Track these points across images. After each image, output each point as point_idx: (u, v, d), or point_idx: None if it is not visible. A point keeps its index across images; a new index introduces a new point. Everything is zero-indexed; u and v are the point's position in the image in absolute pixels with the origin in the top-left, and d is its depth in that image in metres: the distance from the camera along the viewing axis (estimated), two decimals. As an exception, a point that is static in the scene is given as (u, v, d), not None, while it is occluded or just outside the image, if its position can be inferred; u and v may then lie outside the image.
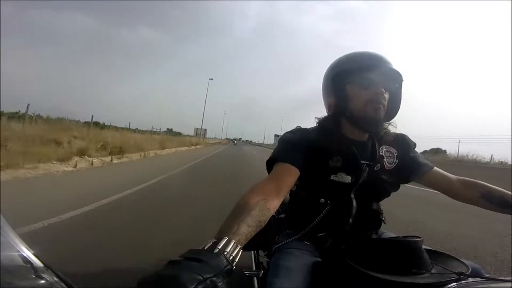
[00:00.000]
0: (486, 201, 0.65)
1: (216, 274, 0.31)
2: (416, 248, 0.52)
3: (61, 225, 2.05)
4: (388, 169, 0.71)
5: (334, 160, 0.66)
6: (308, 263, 0.61)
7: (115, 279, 1.37)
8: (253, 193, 0.52)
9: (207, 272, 0.30)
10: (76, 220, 2.21)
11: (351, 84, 0.66)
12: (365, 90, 0.65)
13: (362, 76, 0.65)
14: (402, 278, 0.46)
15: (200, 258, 0.32)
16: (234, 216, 0.45)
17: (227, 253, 0.36)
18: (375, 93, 0.64)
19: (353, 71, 0.66)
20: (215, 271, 0.31)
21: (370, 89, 0.64)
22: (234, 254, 0.37)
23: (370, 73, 0.64)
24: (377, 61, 0.65)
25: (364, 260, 0.51)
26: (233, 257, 0.36)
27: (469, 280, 0.46)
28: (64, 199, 2.78)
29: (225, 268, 0.33)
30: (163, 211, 2.80)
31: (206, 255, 0.34)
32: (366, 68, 0.64)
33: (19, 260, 0.36)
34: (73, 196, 2.97)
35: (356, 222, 0.68)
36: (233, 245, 0.38)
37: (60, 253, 1.48)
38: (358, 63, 0.66)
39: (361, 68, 0.65)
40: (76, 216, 2.28)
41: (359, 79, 0.65)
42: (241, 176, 5.98)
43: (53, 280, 0.36)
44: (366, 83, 0.64)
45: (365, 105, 0.64)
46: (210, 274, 0.30)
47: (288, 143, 0.68)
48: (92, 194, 3.00)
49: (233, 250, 0.37)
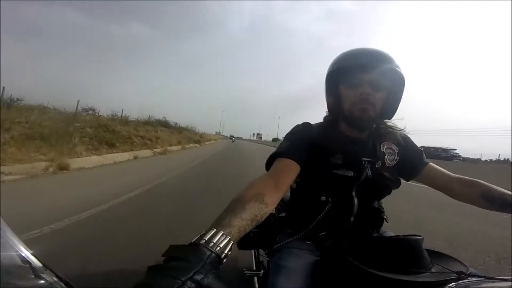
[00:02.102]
0: (486, 200, 0.64)
1: (197, 270, 0.30)
2: (417, 246, 0.52)
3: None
4: (389, 166, 0.71)
5: (335, 157, 0.66)
6: (309, 263, 0.61)
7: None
8: (249, 188, 0.51)
9: (187, 271, 0.29)
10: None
11: (342, 84, 0.67)
12: (353, 91, 0.64)
13: (350, 76, 0.64)
14: (402, 277, 0.46)
15: (179, 256, 0.32)
16: (227, 210, 0.44)
17: (213, 244, 0.35)
18: (360, 93, 0.63)
19: (343, 71, 0.65)
20: (196, 267, 0.30)
21: (357, 89, 0.63)
22: (222, 245, 0.35)
23: (359, 73, 0.63)
24: (368, 60, 0.63)
25: (364, 258, 0.50)
26: (221, 248, 0.35)
27: (469, 280, 0.46)
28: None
29: (207, 259, 0.32)
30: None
31: (186, 251, 0.33)
32: (356, 68, 0.63)
33: (18, 260, 0.36)
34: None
35: (358, 221, 0.67)
36: (221, 236, 0.36)
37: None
38: (349, 62, 0.65)
39: (351, 68, 0.64)
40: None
41: (348, 79, 0.65)
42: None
43: (52, 280, 0.36)
44: (354, 83, 0.64)
45: (352, 106, 0.64)
46: (189, 274, 0.29)
47: (290, 139, 0.69)
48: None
49: (222, 241, 0.36)
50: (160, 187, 3.76)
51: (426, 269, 0.50)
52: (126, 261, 1.55)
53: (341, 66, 0.66)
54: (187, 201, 3.15)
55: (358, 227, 0.68)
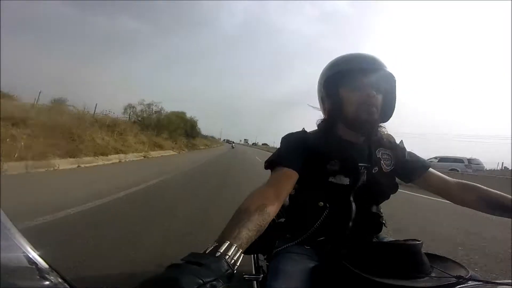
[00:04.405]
0: (485, 205, 0.65)
1: (217, 278, 0.31)
2: (416, 251, 0.52)
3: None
4: (386, 171, 0.72)
5: (331, 163, 0.67)
6: (308, 268, 0.61)
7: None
8: (253, 198, 0.53)
9: (208, 276, 0.30)
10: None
11: (343, 88, 0.67)
12: (357, 93, 0.65)
13: (353, 79, 0.65)
14: (402, 282, 0.46)
15: (201, 262, 0.33)
16: (235, 221, 0.46)
17: (229, 257, 0.37)
18: (367, 95, 0.64)
19: (344, 74, 0.66)
20: (216, 275, 0.31)
21: (362, 91, 0.65)
22: (235, 258, 0.37)
23: (361, 76, 0.65)
24: (368, 64, 0.66)
25: (363, 264, 0.51)
26: (234, 261, 0.37)
27: (468, 284, 0.46)
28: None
29: (226, 272, 0.34)
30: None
31: (207, 259, 0.34)
32: (357, 71, 0.65)
33: (25, 261, 0.36)
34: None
35: (356, 226, 0.68)
36: (234, 249, 0.38)
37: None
38: (350, 66, 0.67)
39: (352, 71, 0.65)
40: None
41: (351, 82, 0.66)
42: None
43: (57, 281, 0.37)
44: (358, 86, 0.65)
45: (358, 108, 0.65)
46: (210, 278, 0.30)
47: (287, 146, 0.69)
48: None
49: (235, 254, 0.38)
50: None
51: (425, 273, 0.50)
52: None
53: (343, 70, 0.67)
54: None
55: (357, 232, 0.68)
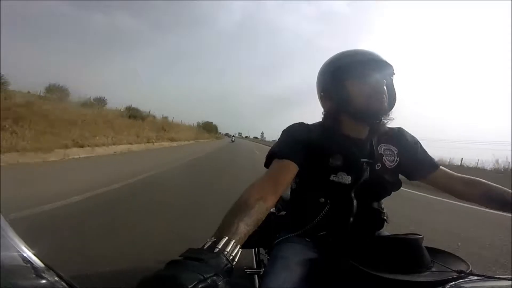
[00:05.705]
0: (487, 199, 0.65)
1: (216, 273, 0.31)
2: (417, 246, 0.52)
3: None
4: (390, 167, 0.70)
5: (334, 158, 0.66)
6: (307, 258, 0.61)
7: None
8: (251, 191, 0.53)
9: (208, 271, 0.30)
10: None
11: (350, 81, 0.66)
12: (366, 84, 0.65)
13: (360, 71, 0.65)
14: (402, 277, 0.46)
15: (200, 258, 0.33)
16: (233, 215, 0.46)
17: (227, 253, 0.36)
18: (377, 84, 0.64)
19: (350, 67, 0.66)
20: (215, 270, 0.31)
21: (371, 82, 0.64)
22: (234, 253, 0.37)
23: (367, 67, 0.64)
24: (370, 56, 0.66)
25: (364, 258, 0.50)
26: (233, 256, 0.37)
27: (469, 278, 0.46)
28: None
29: (225, 267, 0.34)
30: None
31: (206, 255, 0.34)
32: (362, 63, 0.65)
33: (20, 260, 0.36)
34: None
35: (357, 222, 0.67)
36: (233, 245, 0.38)
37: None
38: (353, 59, 0.66)
39: (358, 63, 0.65)
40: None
41: (358, 74, 0.65)
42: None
43: (54, 280, 0.37)
44: (366, 77, 0.65)
45: (369, 98, 0.64)
46: (210, 274, 0.30)
47: (288, 138, 0.68)
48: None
49: (233, 249, 0.38)
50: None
51: (427, 268, 0.50)
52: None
53: (351, 62, 0.66)
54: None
55: (358, 228, 0.67)
